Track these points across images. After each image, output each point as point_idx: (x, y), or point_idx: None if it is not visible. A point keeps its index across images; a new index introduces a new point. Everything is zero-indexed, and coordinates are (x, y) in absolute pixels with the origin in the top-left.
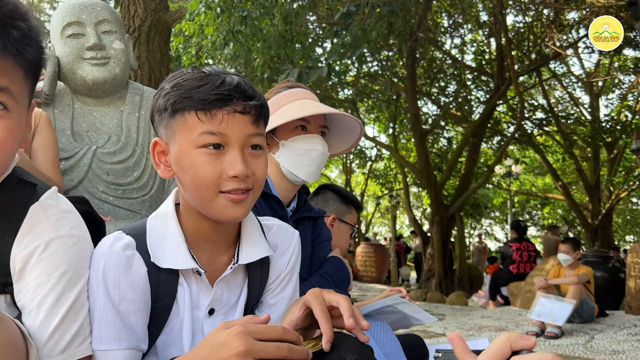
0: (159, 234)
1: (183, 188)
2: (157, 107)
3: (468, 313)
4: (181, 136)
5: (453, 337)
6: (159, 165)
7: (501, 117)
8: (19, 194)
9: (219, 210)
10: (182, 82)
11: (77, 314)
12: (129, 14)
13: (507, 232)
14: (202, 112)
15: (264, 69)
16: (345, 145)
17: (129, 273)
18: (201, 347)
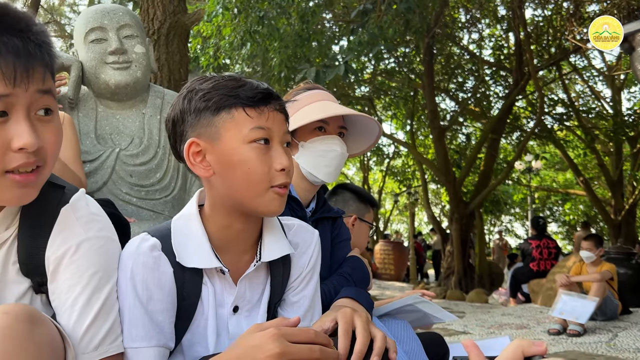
0: (184, 234)
1: (227, 185)
2: (192, 108)
3: (488, 311)
4: (229, 133)
5: (468, 345)
6: (195, 165)
7: (520, 112)
8: (50, 196)
9: (266, 204)
10: (220, 83)
11: (108, 313)
12: (148, 17)
13: (527, 229)
14: (250, 108)
15: (281, 68)
16: (363, 145)
17: (156, 273)
18: (235, 348)
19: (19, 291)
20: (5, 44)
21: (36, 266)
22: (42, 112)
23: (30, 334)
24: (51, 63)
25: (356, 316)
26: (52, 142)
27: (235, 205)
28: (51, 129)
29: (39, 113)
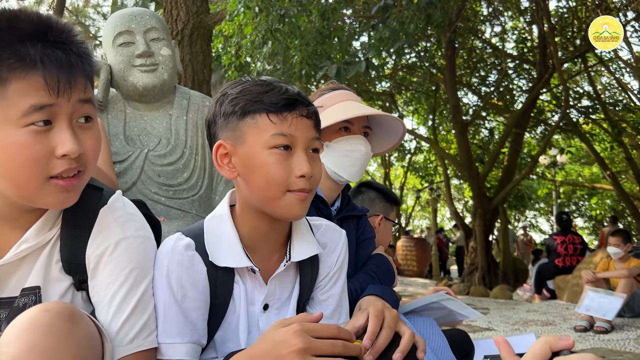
0: (216, 234)
1: (249, 187)
2: (221, 111)
3: (513, 307)
4: (252, 137)
5: (499, 341)
6: (222, 166)
7: (545, 105)
8: (90, 198)
9: (285, 208)
10: (249, 88)
11: (144, 308)
12: (172, 18)
13: (552, 224)
14: (273, 114)
15: (302, 66)
16: (388, 144)
17: (191, 272)
18: (260, 344)
19: (62, 288)
20: (49, 56)
21: (77, 264)
22: (83, 120)
23: (70, 331)
24: (91, 73)
25: (387, 311)
26: (92, 148)
27: (259, 207)
28: (91, 136)
29: (79, 121)
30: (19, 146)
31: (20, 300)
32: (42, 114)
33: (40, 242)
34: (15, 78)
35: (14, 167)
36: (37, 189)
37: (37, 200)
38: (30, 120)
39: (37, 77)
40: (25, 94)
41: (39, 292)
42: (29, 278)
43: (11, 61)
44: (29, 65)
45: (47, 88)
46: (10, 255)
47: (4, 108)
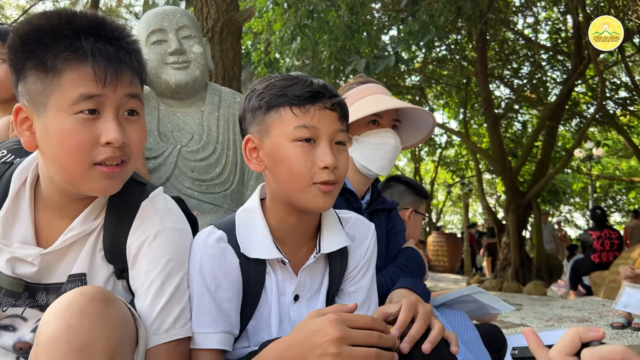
0: (247, 226)
1: (275, 180)
2: (249, 107)
3: (547, 303)
4: (276, 131)
5: (527, 332)
6: (251, 160)
7: (580, 97)
8: (133, 191)
9: (310, 200)
10: (274, 83)
11: (180, 298)
12: (202, 16)
13: (588, 219)
14: (296, 107)
15: (331, 61)
16: (417, 137)
17: (223, 264)
18: (296, 333)
19: (104, 276)
20: (99, 49)
21: (118, 254)
22: (128, 113)
23: (104, 313)
24: (139, 69)
25: (420, 304)
26: (137, 140)
27: (286, 199)
28: (136, 129)
29: (125, 113)
30: (67, 132)
31: (67, 286)
32: (90, 103)
33: (85, 230)
34: (69, 69)
35: (63, 152)
36: (82, 174)
37: (82, 185)
38: (79, 108)
39: (87, 68)
40: (76, 84)
41: (84, 279)
42: (75, 265)
43: (66, 53)
44: (81, 57)
45: (95, 79)
46: (58, 243)
47: (57, 97)
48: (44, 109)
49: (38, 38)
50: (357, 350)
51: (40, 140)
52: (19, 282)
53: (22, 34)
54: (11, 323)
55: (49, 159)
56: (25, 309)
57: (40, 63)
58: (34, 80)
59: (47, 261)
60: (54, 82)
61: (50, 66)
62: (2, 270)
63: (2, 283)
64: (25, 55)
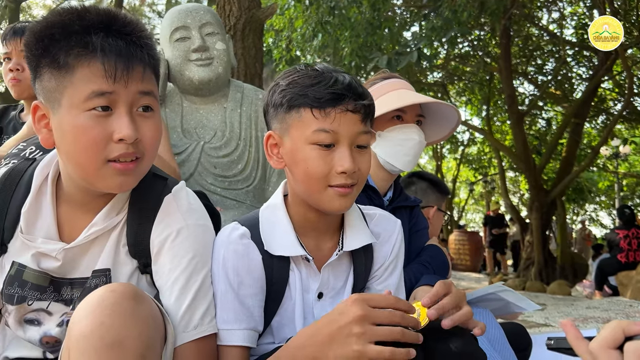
0: (271, 222)
1: (294, 179)
2: (272, 102)
3: (572, 303)
4: (296, 131)
5: (566, 324)
6: (272, 156)
7: (607, 94)
8: (155, 186)
9: (326, 202)
10: (297, 80)
11: (205, 295)
12: (225, 13)
13: (614, 218)
14: (317, 109)
15: (352, 58)
16: (442, 133)
17: (246, 260)
18: (323, 318)
19: (128, 271)
20: (110, 44)
21: (142, 249)
22: (142, 109)
23: (135, 310)
24: (152, 63)
25: (454, 286)
26: (151, 137)
27: (305, 198)
28: (150, 125)
29: (139, 110)
30: (81, 129)
31: (92, 281)
32: (102, 99)
33: (108, 226)
34: (80, 65)
35: (77, 149)
36: (97, 171)
37: (97, 182)
38: (91, 105)
39: (97, 64)
40: (87, 80)
41: (109, 274)
42: (99, 260)
43: (77, 49)
44: (91, 52)
45: (105, 75)
46: (81, 238)
47: (70, 93)
48: (58, 106)
49: (51, 35)
50: (382, 329)
51: (57, 137)
52: (44, 276)
53: (36, 31)
54: (36, 317)
55: (64, 156)
56: (50, 303)
57: (53, 60)
58: (49, 78)
59: (71, 256)
60: (67, 78)
61: (62, 63)
62: (28, 264)
63: (28, 277)
64: (40, 52)
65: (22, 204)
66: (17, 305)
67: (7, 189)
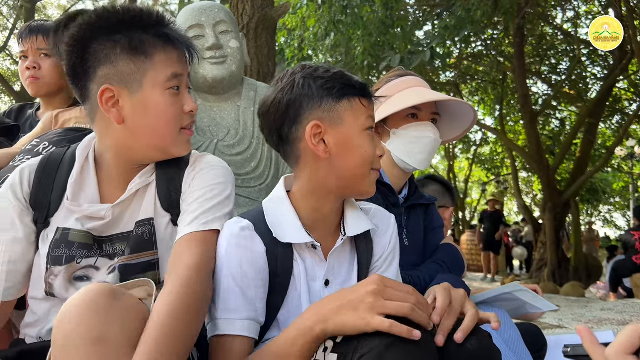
0: (276, 214)
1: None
2: (311, 93)
3: (585, 305)
4: (350, 120)
5: (582, 330)
6: (316, 146)
7: (622, 94)
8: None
9: (369, 185)
10: (337, 73)
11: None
12: (238, 12)
13: (629, 219)
14: (364, 99)
15: (365, 57)
16: (457, 131)
17: (249, 252)
18: (335, 293)
19: (165, 222)
20: (178, 36)
21: (172, 201)
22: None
23: (113, 305)
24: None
25: (452, 290)
26: (197, 109)
27: (336, 186)
28: (193, 100)
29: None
30: (165, 104)
31: (137, 230)
32: (177, 81)
33: (143, 182)
34: (157, 52)
35: (161, 122)
36: (174, 139)
37: (173, 148)
38: (170, 85)
39: (173, 51)
40: (166, 64)
41: (152, 222)
42: (141, 212)
43: (154, 40)
44: (165, 42)
45: (180, 60)
46: (125, 196)
47: (153, 75)
48: (139, 86)
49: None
50: (391, 303)
51: (133, 114)
52: (89, 234)
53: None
54: (85, 274)
55: (142, 129)
56: (98, 259)
57: (131, 47)
58: (126, 62)
59: (116, 213)
60: (147, 63)
61: (141, 50)
62: (72, 227)
63: (74, 237)
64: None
65: (66, 181)
66: (66, 265)
67: (50, 169)
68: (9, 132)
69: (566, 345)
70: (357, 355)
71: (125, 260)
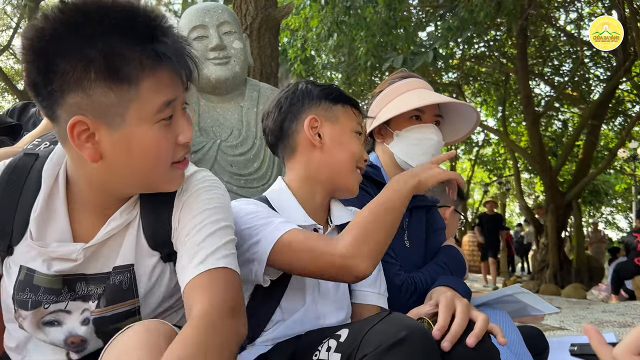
0: (280, 201)
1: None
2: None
3: (587, 307)
4: (344, 120)
5: (589, 330)
6: (313, 137)
7: (625, 95)
8: None
9: (352, 182)
10: (335, 86)
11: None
12: (241, 13)
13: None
14: (355, 109)
15: (367, 57)
16: (459, 133)
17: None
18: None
19: (152, 263)
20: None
21: (161, 240)
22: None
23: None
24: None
25: (457, 299)
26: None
27: (326, 178)
28: (190, 121)
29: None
30: (155, 141)
31: (115, 278)
32: (169, 110)
33: (125, 221)
34: (146, 76)
35: (149, 160)
36: (164, 175)
37: (163, 185)
38: (162, 116)
39: (165, 72)
40: (157, 91)
41: (132, 269)
42: (120, 256)
43: (141, 59)
44: (156, 60)
45: (174, 83)
46: (101, 235)
47: (138, 107)
48: (121, 121)
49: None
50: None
51: (113, 152)
52: (56, 278)
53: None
54: (55, 318)
55: (124, 168)
56: (69, 303)
57: (109, 72)
58: (104, 92)
59: (88, 255)
60: (132, 92)
61: (123, 75)
62: (37, 269)
63: (39, 282)
64: (84, 63)
65: (31, 205)
66: (32, 310)
67: (13, 187)
68: (12, 131)
69: (573, 344)
70: (361, 354)
71: (101, 312)
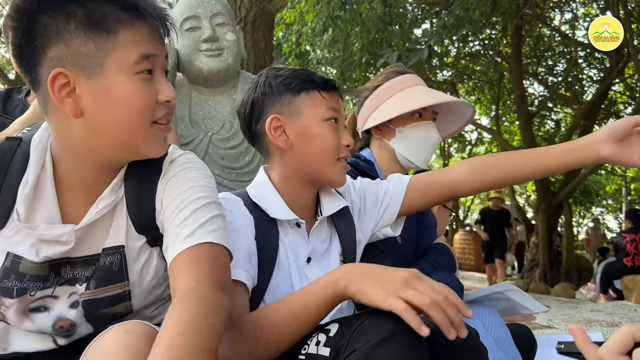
0: (262, 194)
1: (303, 157)
2: (269, 90)
3: (575, 306)
4: (309, 111)
5: (574, 329)
6: (276, 138)
7: (617, 97)
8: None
9: (334, 175)
10: (298, 71)
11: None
12: (236, 5)
13: (620, 222)
14: (324, 92)
15: (362, 53)
16: (452, 128)
17: (241, 217)
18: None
19: (139, 245)
20: (154, 8)
21: (146, 224)
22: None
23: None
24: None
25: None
26: (174, 98)
27: (306, 175)
28: (171, 86)
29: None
30: (135, 92)
31: (105, 259)
32: (148, 63)
33: (114, 201)
34: (123, 28)
35: (129, 113)
36: (144, 134)
37: (143, 146)
38: (140, 68)
39: (143, 26)
40: (133, 43)
41: (122, 251)
42: (109, 237)
43: (119, 12)
44: (133, 14)
45: (153, 38)
46: (91, 215)
47: (116, 57)
48: (99, 71)
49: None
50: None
51: (93, 105)
52: (43, 265)
53: None
54: (42, 304)
55: (104, 124)
56: (55, 288)
57: (89, 22)
58: (83, 41)
59: (79, 236)
60: (110, 42)
61: (102, 25)
62: (24, 255)
63: (25, 269)
64: (66, 14)
65: (17, 187)
66: (18, 298)
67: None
68: None
69: (559, 342)
70: (350, 349)
71: (91, 294)
